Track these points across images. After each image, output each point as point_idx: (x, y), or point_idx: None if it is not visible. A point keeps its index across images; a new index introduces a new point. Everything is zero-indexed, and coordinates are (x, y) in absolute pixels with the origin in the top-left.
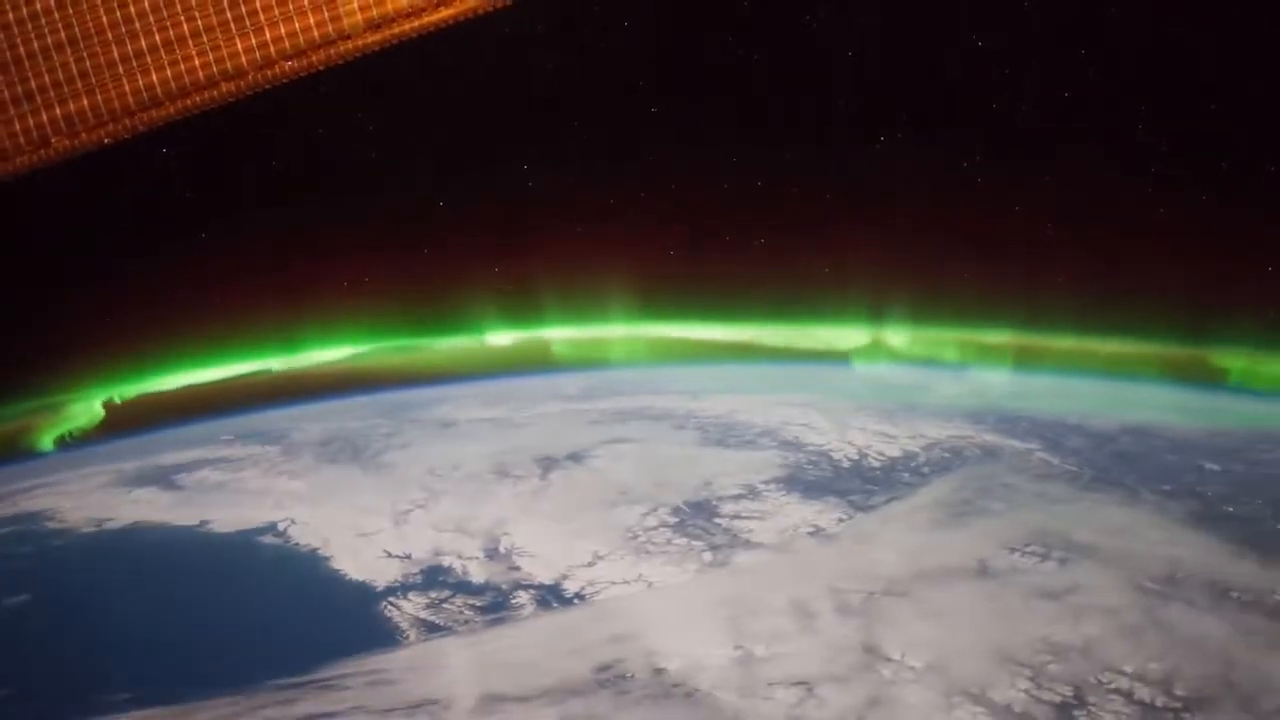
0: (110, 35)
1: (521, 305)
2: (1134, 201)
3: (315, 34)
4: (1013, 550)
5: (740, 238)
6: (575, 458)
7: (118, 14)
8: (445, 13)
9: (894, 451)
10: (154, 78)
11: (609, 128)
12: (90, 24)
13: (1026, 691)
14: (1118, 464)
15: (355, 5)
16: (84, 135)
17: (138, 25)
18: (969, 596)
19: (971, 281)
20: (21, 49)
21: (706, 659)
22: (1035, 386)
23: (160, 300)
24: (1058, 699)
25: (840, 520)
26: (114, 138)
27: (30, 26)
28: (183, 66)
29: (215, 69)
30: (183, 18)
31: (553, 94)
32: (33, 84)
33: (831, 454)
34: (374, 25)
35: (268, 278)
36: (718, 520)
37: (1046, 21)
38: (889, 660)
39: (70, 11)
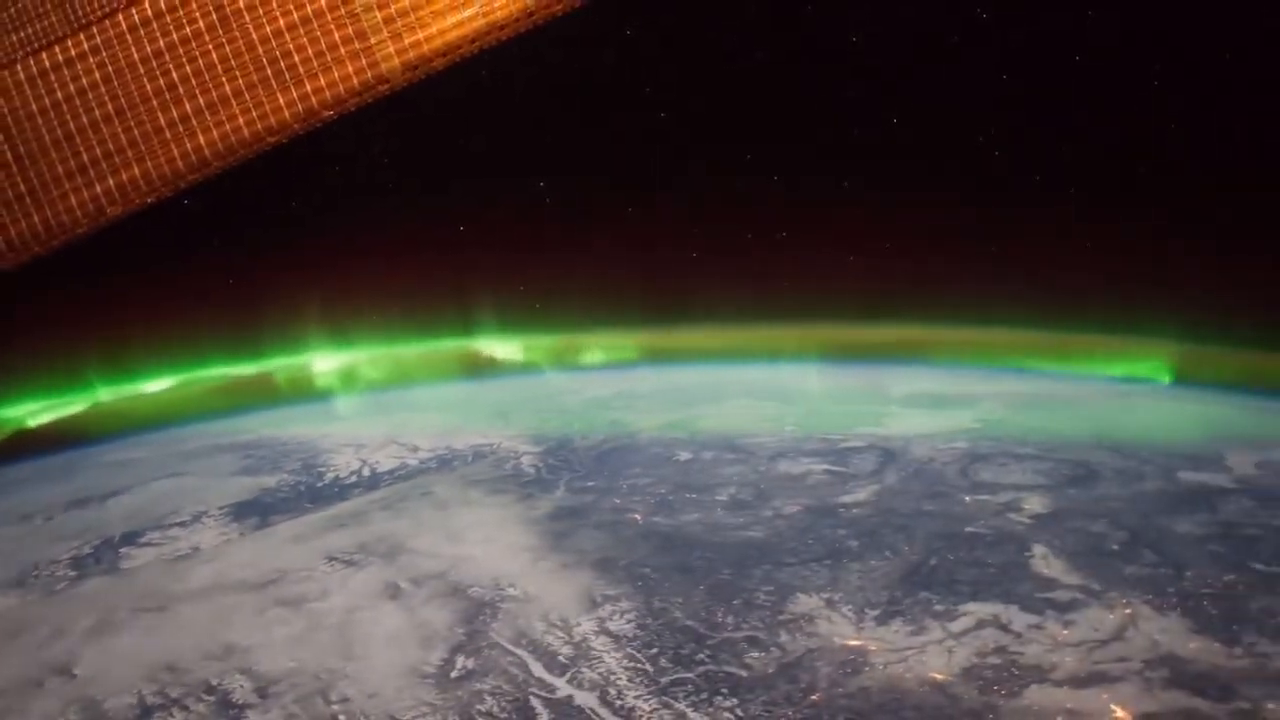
0: (155, 102)
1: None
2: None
3: (354, 82)
4: (330, 559)
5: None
6: (109, 495)
7: (160, 81)
8: (475, 46)
9: (390, 464)
10: (200, 140)
11: None
12: (135, 93)
13: (140, 696)
14: (587, 465)
15: (392, 50)
16: (137, 201)
17: (181, 90)
18: (215, 610)
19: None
20: (71, 124)
21: None
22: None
23: None
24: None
25: (226, 540)
26: (163, 198)
27: (79, 101)
28: (228, 126)
29: (259, 125)
30: (224, 79)
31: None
32: (84, 157)
33: (327, 473)
34: (411, 67)
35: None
36: (126, 549)
37: None
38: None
39: (115, 83)
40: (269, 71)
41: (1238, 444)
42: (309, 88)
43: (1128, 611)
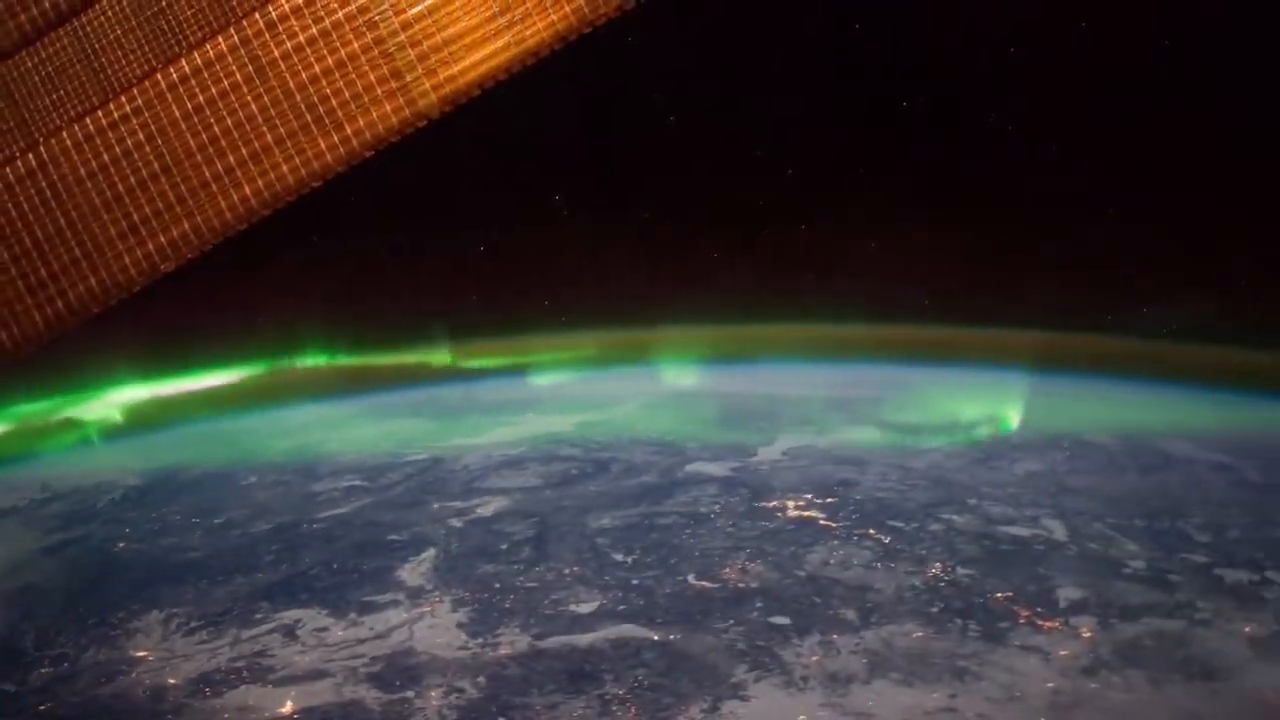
0: (199, 157)
1: None
2: None
3: (394, 120)
4: None
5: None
6: None
7: (203, 135)
8: (508, 74)
9: (8, 504)
10: (246, 190)
11: None
12: (179, 150)
13: None
14: (161, 495)
15: (428, 86)
16: (189, 255)
17: (224, 143)
18: None
19: None
20: (120, 185)
21: None
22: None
23: None
24: None
25: None
26: (210, 247)
27: (125, 163)
28: (272, 175)
29: (303, 171)
30: (265, 128)
31: None
32: (135, 217)
33: None
34: (448, 101)
35: None
36: None
37: None
38: None
39: (159, 142)
40: (308, 118)
41: (828, 427)
42: (349, 130)
43: (425, 609)
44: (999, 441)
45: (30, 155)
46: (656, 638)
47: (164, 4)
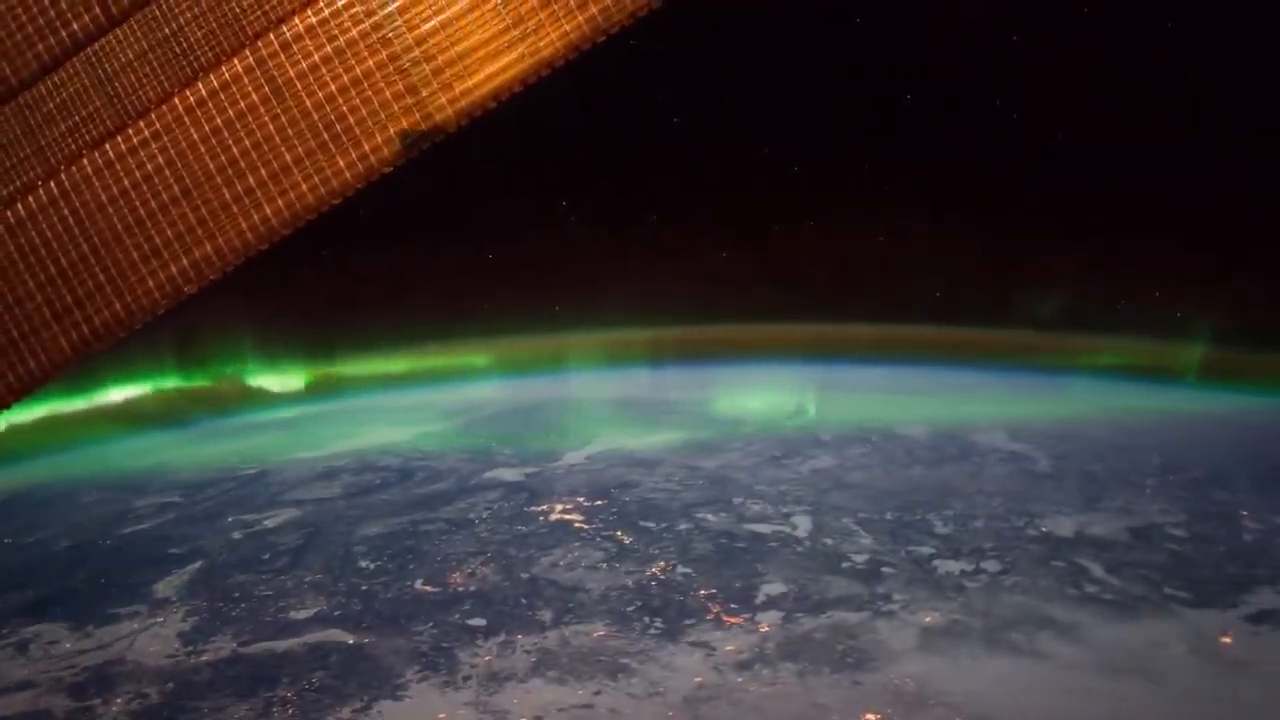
0: (219, 179)
1: None
2: None
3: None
4: None
5: None
6: None
7: (222, 158)
8: (524, 85)
9: None
10: (267, 210)
11: None
12: (199, 172)
13: None
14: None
15: (444, 100)
16: (211, 276)
17: (243, 164)
18: None
19: None
20: (141, 210)
21: None
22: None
23: None
24: None
25: None
26: (232, 268)
27: (145, 187)
28: (292, 195)
29: (323, 190)
30: (283, 148)
31: None
32: (156, 241)
33: None
34: (464, 114)
35: None
36: None
37: None
38: None
39: (179, 165)
40: (326, 136)
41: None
42: (367, 147)
43: (158, 620)
44: (805, 437)
45: (51, 183)
46: (352, 641)
47: (175, 28)
